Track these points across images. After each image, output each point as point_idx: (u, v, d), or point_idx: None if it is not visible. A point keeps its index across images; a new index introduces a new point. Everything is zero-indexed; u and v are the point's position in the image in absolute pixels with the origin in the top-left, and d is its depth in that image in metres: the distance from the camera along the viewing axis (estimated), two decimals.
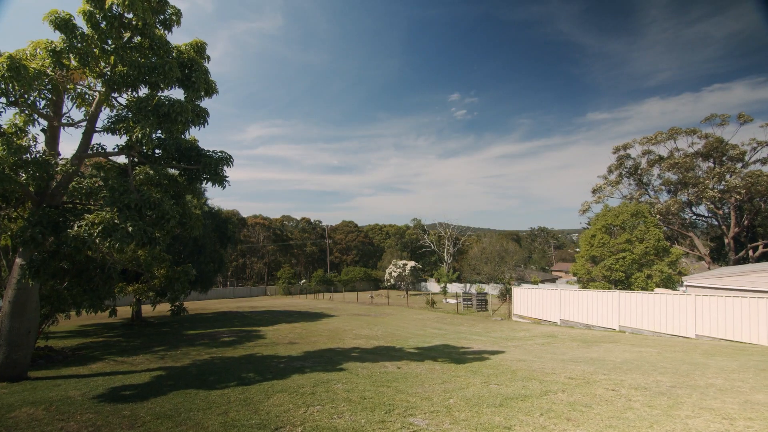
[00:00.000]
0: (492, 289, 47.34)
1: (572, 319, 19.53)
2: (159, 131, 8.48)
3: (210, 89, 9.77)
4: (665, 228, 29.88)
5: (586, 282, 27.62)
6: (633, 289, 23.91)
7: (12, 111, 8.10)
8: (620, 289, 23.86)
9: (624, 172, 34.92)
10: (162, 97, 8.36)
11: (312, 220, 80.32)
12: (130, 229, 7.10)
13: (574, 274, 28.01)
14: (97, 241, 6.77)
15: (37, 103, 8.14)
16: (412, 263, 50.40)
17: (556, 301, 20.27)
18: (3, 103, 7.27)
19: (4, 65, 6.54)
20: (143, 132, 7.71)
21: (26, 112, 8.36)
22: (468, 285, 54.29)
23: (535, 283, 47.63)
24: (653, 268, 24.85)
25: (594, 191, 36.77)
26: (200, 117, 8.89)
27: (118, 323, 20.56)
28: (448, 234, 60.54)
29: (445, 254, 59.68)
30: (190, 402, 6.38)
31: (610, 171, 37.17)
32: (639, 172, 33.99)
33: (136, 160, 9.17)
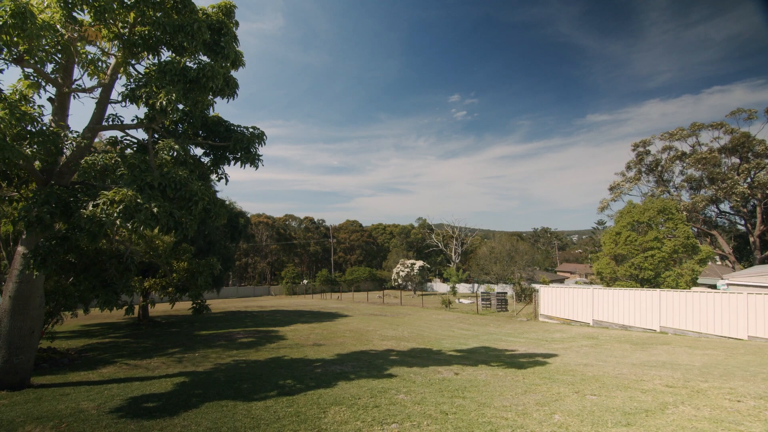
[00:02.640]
0: (501, 289, 46.23)
1: (606, 319, 18.42)
2: (183, 103, 7.34)
3: (237, 60, 8.65)
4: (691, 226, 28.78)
5: (609, 281, 26.54)
6: (662, 288, 22.83)
7: (15, 76, 7.01)
8: (648, 287, 22.78)
9: (643, 169, 33.85)
10: (188, 62, 7.25)
11: (315, 220, 79.08)
12: (155, 210, 5.97)
13: (598, 273, 26.89)
14: (118, 222, 5.63)
15: (45, 66, 7.01)
16: (420, 263, 49.27)
17: (588, 300, 19.16)
18: (4, 59, 6.13)
19: (7, 9, 5.41)
20: (168, 98, 6.58)
21: (32, 77, 7.24)
22: (476, 285, 53.19)
23: (545, 283, 46.45)
24: (683, 266, 23.78)
25: (611, 188, 35.71)
26: (230, 86, 7.76)
27: (124, 323, 19.36)
28: (455, 234, 59.45)
29: (452, 254, 58.58)
30: (230, 418, 5.24)
31: (628, 168, 36.11)
32: (660, 168, 32.95)
33: (156, 136, 8.05)
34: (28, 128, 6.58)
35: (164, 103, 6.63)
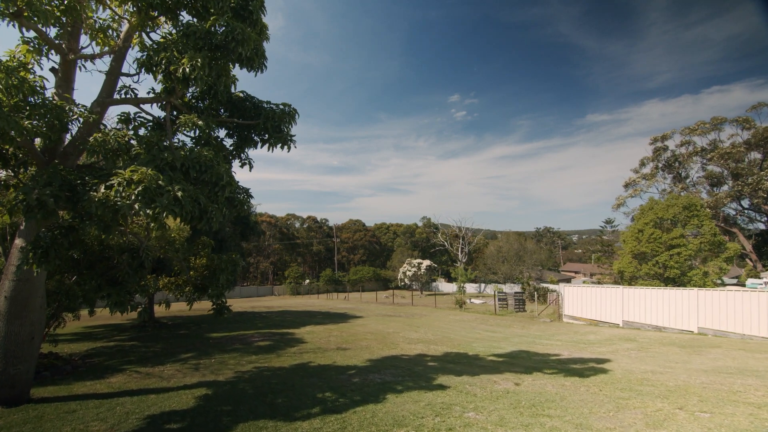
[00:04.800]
0: (509, 289, 45.39)
1: (637, 320, 17.48)
2: (207, 73, 6.35)
3: (263, 32, 7.67)
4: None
5: (630, 280, 25.63)
6: (689, 287, 21.92)
7: (13, 42, 6.01)
8: (672, 286, 21.85)
9: (660, 165, 32.91)
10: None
11: (318, 219, 78.05)
12: (179, 194, 5.01)
13: (619, 272, 25.96)
14: (136, 207, 4.66)
15: (48, 30, 6.04)
16: (427, 262, 48.23)
17: (618, 300, 18.22)
18: (1, 12, 5.16)
19: None
20: (193, 64, 5.62)
21: (32, 44, 6.27)
22: (483, 285, 52.29)
23: (553, 282, 45.68)
24: (709, 264, 22.89)
25: (627, 185, 34.77)
26: (258, 56, 6.77)
27: (128, 325, 18.33)
28: (462, 233, 58.51)
29: (459, 253, 57.62)
30: None
31: (642, 164, 35.18)
32: (677, 164, 32.02)
33: (175, 113, 7.07)
34: (29, 100, 5.62)
35: (187, 70, 5.66)
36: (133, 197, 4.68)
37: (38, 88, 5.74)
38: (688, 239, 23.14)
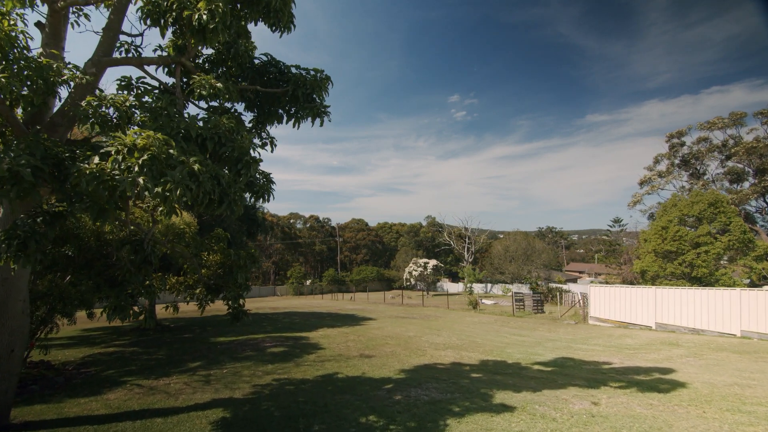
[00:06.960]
0: (517, 289, 44.35)
1: (672, 322, 16.38)
2: (225, 26, 5.22)
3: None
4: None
5: (651, 280, 24.55)
6: (716, 287, 20.83)
7: None
8: (700, 286, 20.75)
9: (677, 162, 31.85)
10: None
11: (320, 218, 76.88)
12: (195, 167, 3.90)
13: (641, 272, 24.87)
14: (141, 182, 3.54)
15: None
16: (434, 262, 47.21)
17: (650, 301, 17.13)
18: None
19: None
20: (212, 9, 4.50)
21: None
22: (490, 285, 51.24)
23: (561, 282, 44.63)
24: (739, 263, 21.83)
25: (642, 183, 33.69)
26: (287, 8, 5.64)
27: (128, 327, 17.16)
28: (468, 233, 57.45)
29: (466, 253, 56.54)
30: None
31: (656, 161, 34.12)
32: (694, 161, 30.98)
33: (185, 79, 5.94)
34: (8, 57, 4.49)
35: (204, 17, 4.54)
36: (136, 168, 3.55)
37: (19, 40, 4.61)
38: (717, 237, 22.08)
